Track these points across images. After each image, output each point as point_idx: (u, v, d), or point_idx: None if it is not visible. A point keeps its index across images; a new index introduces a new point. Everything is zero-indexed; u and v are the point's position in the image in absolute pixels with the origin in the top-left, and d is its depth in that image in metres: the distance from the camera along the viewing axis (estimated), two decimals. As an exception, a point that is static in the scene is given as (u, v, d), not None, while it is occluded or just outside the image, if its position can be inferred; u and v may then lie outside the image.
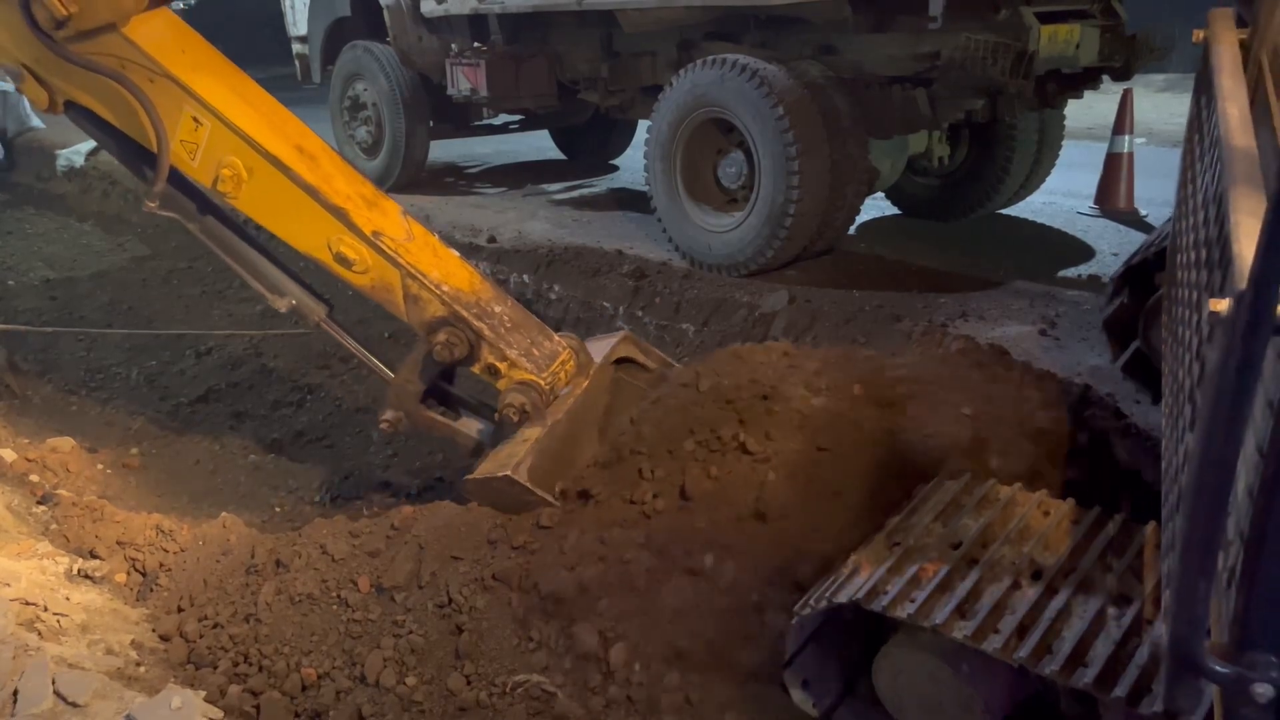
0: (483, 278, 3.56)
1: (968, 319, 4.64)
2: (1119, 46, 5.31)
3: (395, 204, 3.53)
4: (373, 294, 3.38)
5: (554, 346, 3.51)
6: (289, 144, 3.30)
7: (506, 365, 3.35)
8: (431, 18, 7.49)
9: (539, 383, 3.35)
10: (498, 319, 3.43)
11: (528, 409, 3.32)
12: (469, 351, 3.36)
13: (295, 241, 3.35)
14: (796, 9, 5.28)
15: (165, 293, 7.29)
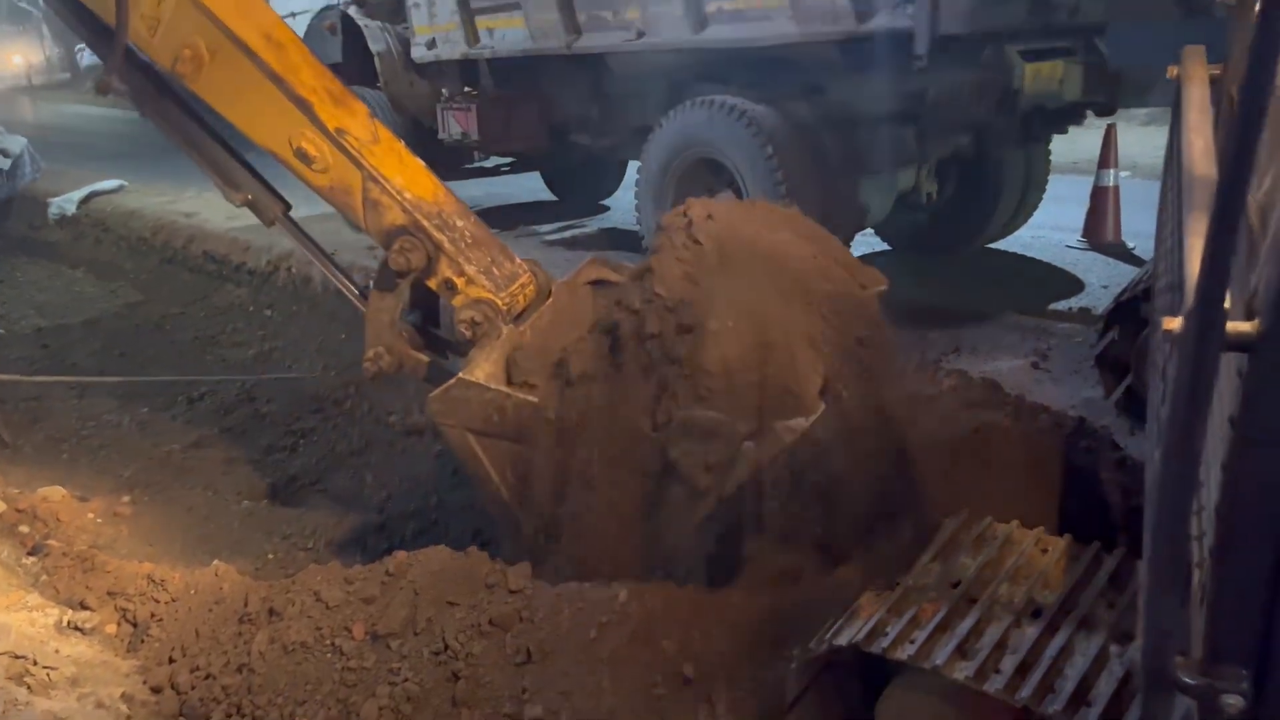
0: (448, 190, 3.44)
1: (960, 353, 4.65)
2: (1102, 83, 5.38)
3: (363, 105, 3.40)
4: (330, 195, 3.27)
5: (514, 268, 3.39)
6: (257, 29, 3.16)
7: (464, 281, 3.23)
8: (422, 63, 7.57)
9: (495, 301, 3.23)
10: (459, 233, 3.31)
11: (480, 324, 3.21)
12: (426, 263, 3.24)
13: (254, 132, 3.22)
14: (783, 50, 5.35)
15: (158, 339, 7.28)
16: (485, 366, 3.09)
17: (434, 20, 7.30)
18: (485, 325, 3.21)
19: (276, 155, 3.23)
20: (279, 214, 3.51)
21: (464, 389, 3.07)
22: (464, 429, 3.15)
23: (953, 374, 3.87)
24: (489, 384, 3.07)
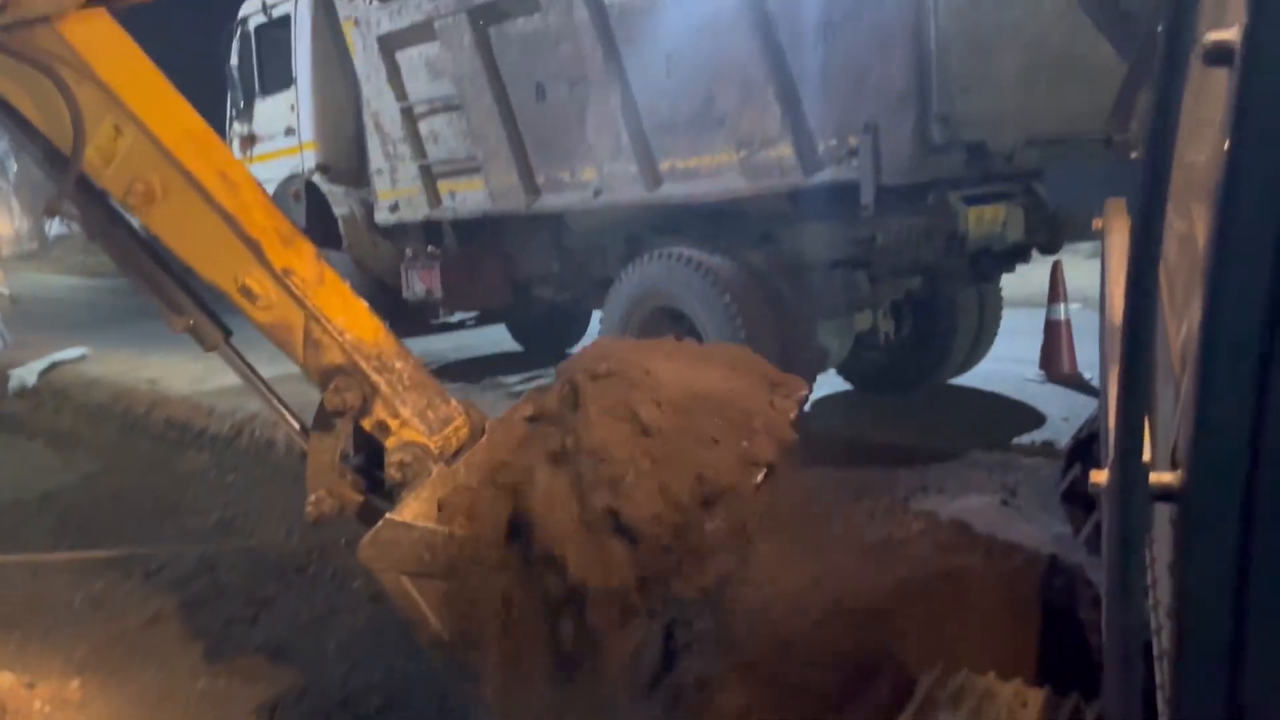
0: (388, 333, 3.41)
1: (928, 492, 4.64)
2: (1043, 223, 5.60)
3: (311, 245, 3.39)
4: (271, 332, 3.23)
5: (450, 411, 3.34)
6: (212, 168, 3.17)
7: (398, 423, 3.19)
8: (386, 226, 7.74)
9: (428, 444, 3.18)
10: (396, 375, 3.28)
11: (410, 465, 3.15)
12: (361, 403, 3.19)
13: (201, 267, 3.20)
14: (736, 203, 5.53)
15: (115, 510, 7.10)
16: (414, 505, 3.04)
17: (396, 185, 7.51)
18: (415, 466, 3.17)
19: (220, 289, 3.23)
20: (220, 341, 3.46)
21: (392, 530, 3.01)
22: (397, 572, 3.07)
23: (922, 516, 3.85)
24: (417, 522, 3.01)
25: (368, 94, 7.42)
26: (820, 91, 4.95)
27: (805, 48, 4.92)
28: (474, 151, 6.76)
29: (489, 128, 6.52)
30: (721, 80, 5.24)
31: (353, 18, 7.28)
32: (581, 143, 6.06)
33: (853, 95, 4.79)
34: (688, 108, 5.52)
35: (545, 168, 6.41)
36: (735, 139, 5.30)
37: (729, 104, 5.25)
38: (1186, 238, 1.57)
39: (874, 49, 4.64)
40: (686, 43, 5.34)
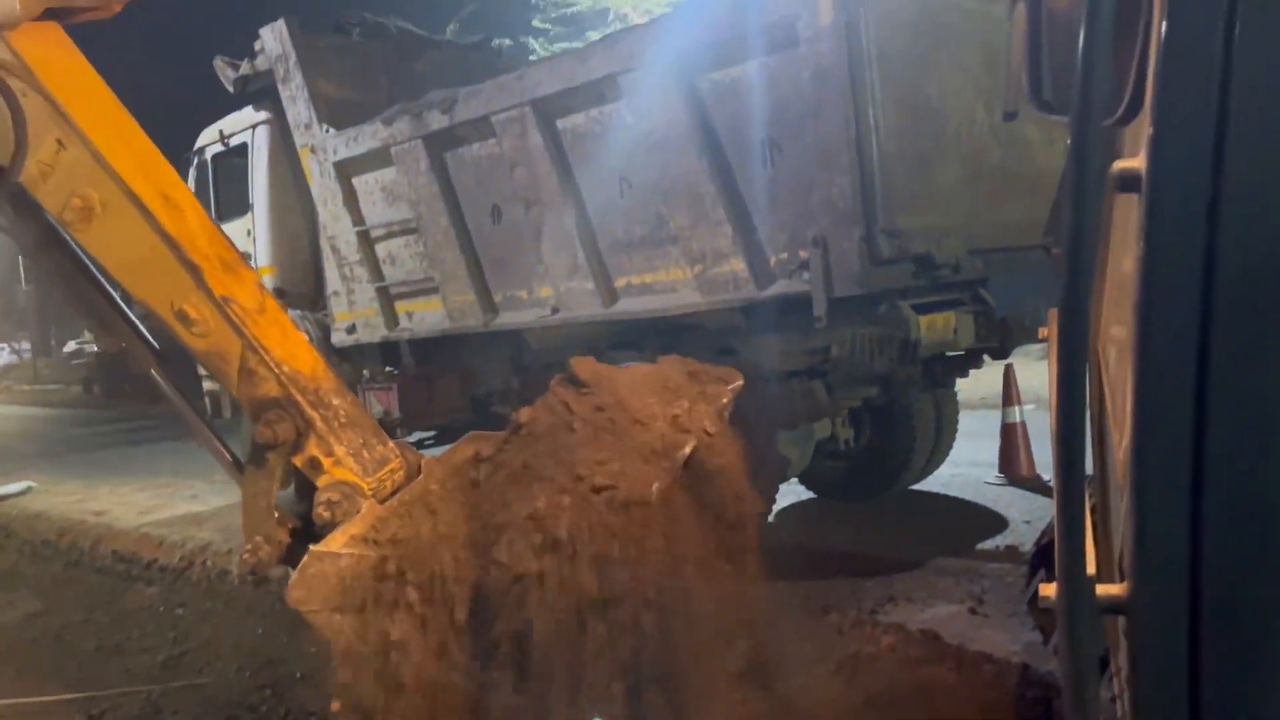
0: (327, 368, 3.29)
1: (896, 602, 4.59)
2: (992, 329, 5.72)
3: (254, 274, 3.31)
4: (206, 359, 3.11)
5: (386, 452, 3.23)
6: (155, 189, 3.08)
7: (330, 461, 3.06)
8: (343, 347, 7.71)
9: (360, 484, 3.06)
10: (333, 411, 3.16)
11: (339, 504, 3.02)
12: (295, 438, 3.06)
13: (135, 288, 3.09)
14: (693, 317, 5.60)
15: (57, 651, 6.78)
16: (340, 538, 2.92)
17: (353, 307, 7.52)
18: (345, 505, 3.05)
19: (155, 312, 3.13)
20: (152, 364, 3.36)
21: (318, 563, 2.87)
22: (329, 611, 2.92)
23: (891, 628, 3.79)
24: (343, 549, 2.89)
25: (324, 219, 7.49)
26: (769, 208, 5.09)
27: (753, 167, 5.07)
28: (431, 272, 6.81)
29: (446, 249, 6.59)
30: (673, 200, 5.36)
31: (309, 145, 7.40)
32: (538, 262, 6.14)
33: (801, 211, 4.92)
34: (641, 227, 5.63)
35: (503, 287, 6.47)
36: (689, 255, 5.40)
37: (681, 222, 5.37)
38: (1125, 346, 1.62)
39: (818, 167, 4.79)
40: (638, 164, 5.48)
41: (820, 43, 4.64)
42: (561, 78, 5.71)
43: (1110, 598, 1.19)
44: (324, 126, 7.24)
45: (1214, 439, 1.07)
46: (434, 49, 8.69)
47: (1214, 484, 1.08)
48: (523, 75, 6.02)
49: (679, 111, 5.17)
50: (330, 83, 7.59)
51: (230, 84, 8.31)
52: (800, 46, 4.71)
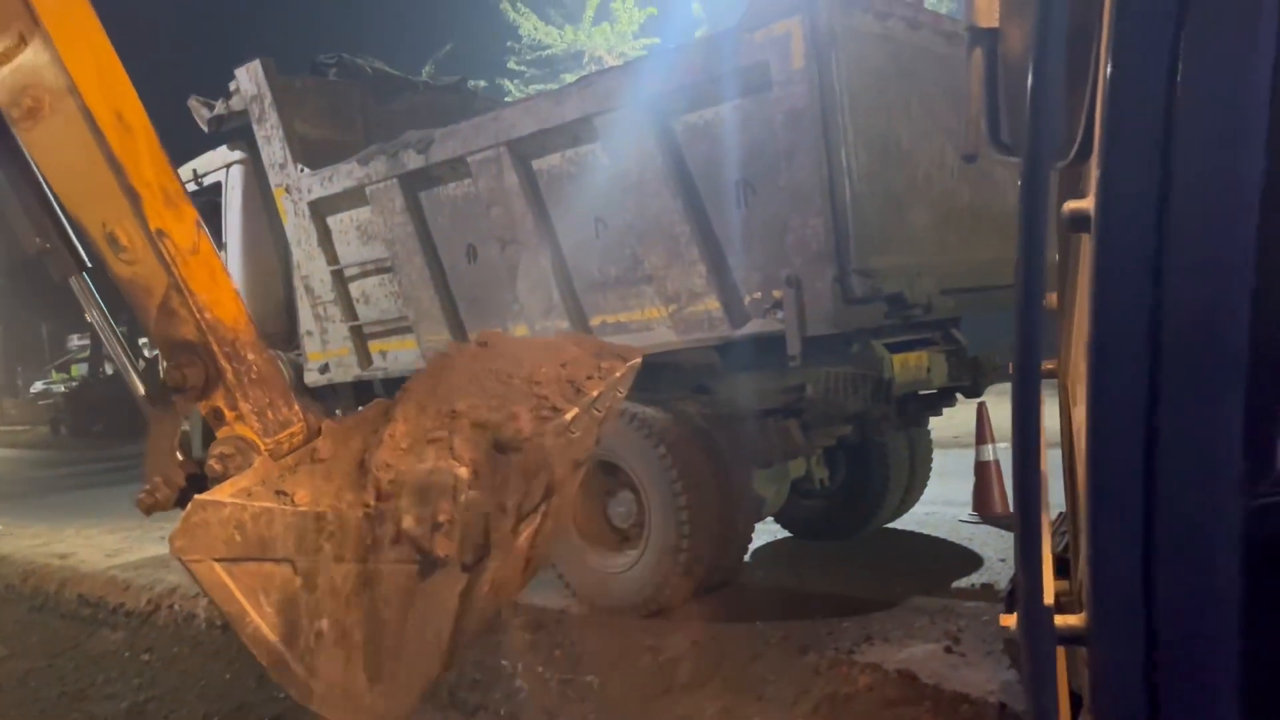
0: (249, 321, 3.25)
1: (872, 642, 4.58)
2: (965, 368, 5.77)
3: (194, 211, 3.24)
4: (128, 288, 3.06)
5: (290, 415, 3.20)
6: (109, 105, 3.00)
7: (234, 415, 3.04)
8: (316, 387, 7.65)
9: (258, 442, 3.03)
10: (246, 366, 3.13)
11: (232, 457, 3.00)
12: (203, 385, 3.04)
13: (70, 201, 3.04)
14: (668, 356, 5.61)
15: (20, 697, 6.62)
16: (226, 489, 2.90)
17: (326, 346, 7.48)
18: (238, 459, 3.03)
19: (85, 229, 3.08)
20: (75, 272, 3.30)
21: (201, 511, 2.85)
22: (210, 560, 2.88)
23: (868, 669, 3.78)
24: (226, 499, 2.85)
25: (298, 258, 7.47)
26: (743, 248, 5.13)
27: (727, 207, 5.12)
28: (405, 311, 6.79)
29: (421, 288, 6.58)
30: (648, 240, 5.40)
31: (284, 185, 7.40)
32: (513, 301, 6.14)
33: (774, 251, 4.97)
34: (616, 266, 5.65)
35: (478, 325, 6.45)
36: (664, 295, 5.42)
37: (656, 262, 5.40)
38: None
39: (792, 208, 4.84)
40: (613, 205, 5.52)
41: (793, 86, 4.71)
42: (537, 119, 5.75)
43: (1069, 628, 1.22)
44: (299, 166, 7.24)
45: (1164, 474, 1.10)
46: (410, 90, 8.74)
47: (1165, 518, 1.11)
48: (498, 116, 6.07)
49: (654, 153, 5.22)
50: (306, 122, 7.60)
51: (205, 124, 8.30)
52: (773, 89, 4.78)
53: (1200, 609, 1.12)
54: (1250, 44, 1.07)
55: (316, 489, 2.96)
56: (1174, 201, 1.11)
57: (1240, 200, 1.08)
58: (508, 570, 3.20)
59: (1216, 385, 1.09)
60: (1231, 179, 1.08)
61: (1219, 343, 1.09)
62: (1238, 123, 1.08)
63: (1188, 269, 1.10)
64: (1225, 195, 1.09)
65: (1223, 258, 1.09)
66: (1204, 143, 1.10)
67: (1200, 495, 1.10)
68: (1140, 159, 1.12)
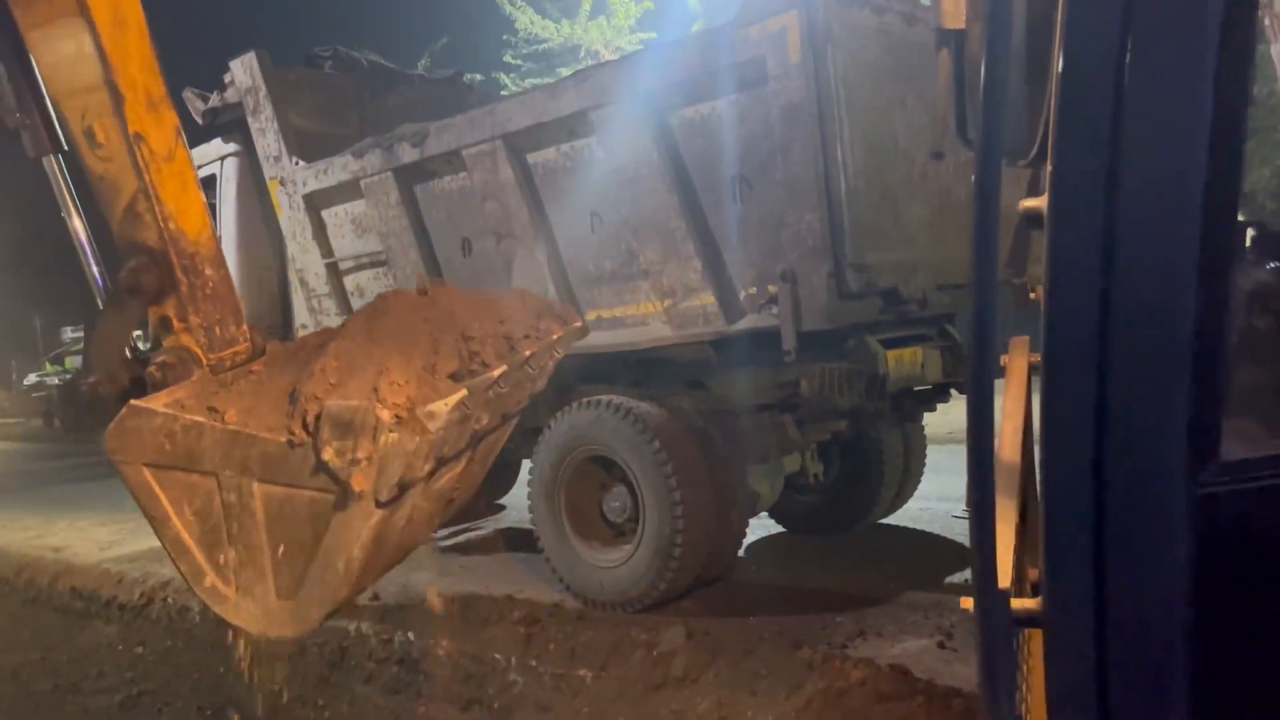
0: (212, 236, 3.30)
1: (866, 637, 4.59)
2: (959, 363, 5.77)
3: (175, 118, 3.27)
4: (97, 183, 3.11)
5: (237, 334, 3.28)
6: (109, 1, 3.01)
7: (181, 327, 3.11)
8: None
9: (201, 358, 3.10)
10: (203, 280, 3.19)
11: (173, 367, 3.07)
12: (156, 292, 3.11)
13: (53, 87, 3.05)
14: (663, 351, 5.61)
15: (13, 691, 6.62)
16: (162, 398, 2.96)
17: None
18: (179, 370, 3.08)
19: (65, 118, 3.09)
20: (50, 152, 3.31)
21: (135, 417, 2.91)
22: (139, 464, 2.95)
23: (861, 663, 3.79)
24: (159, 408, 2.91)
25: (293, 251, 7.45)
26: (739, 243, 5.12)
27: (722, 202, 5.12)
28: (400, 305, 6.78)
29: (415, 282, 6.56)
30: (643, 234, 5.39)
31: (278, 178, 7.38)
32: (508, 295, 6.13)
33: (770, 246, 4.97)
34: (612, 261, 5.65)
35: (472, 320, 6.45)
36: (659, 290, 5.42)
37: (651, 256, 5.39)
38: None
39: (787, 203, 4.84)
40: (609, 199, 5.51)
41: (789, 81, 4.70)
42: (533, 113, 5.74)
43: (1025, 611, 1.27)
44: (294, 159, 7.22)
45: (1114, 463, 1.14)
46: (405, 83, 8.71)
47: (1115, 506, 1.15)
48: (494, 110, 6.05)
49: (649, 147, 5.21)
50: (301, 115, 7.58)
51: (199, 116, 8.27)
52: (769, 84, 4.78)
53: (1148, 593, 1.16)
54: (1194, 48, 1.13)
55: (247, 410, 3.01)
56: (1122, 200, 1.15)
57: (1185, 200, 1.12)
58: (426, 510, 3.29)
59: (1163, 378, 1.13)
60: (1177, 179, 1.13)
61: (1165, 338, 1.13)
62: (1182, 124, 1.13)
63: (1135, 266, 1.15)
64: (1171, 195, 1.13)
65: (1169, 256, 1.14)
66: (1150, 143, 1.14)
67: (1148, 484, 1.14)
68: (1089, 159, 1.17)
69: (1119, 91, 1.15)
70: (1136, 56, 1.13)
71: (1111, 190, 1.15)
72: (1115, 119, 1.15)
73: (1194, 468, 1.13)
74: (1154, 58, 1.14)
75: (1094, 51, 1.16)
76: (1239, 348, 1.23)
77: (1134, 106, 1.14)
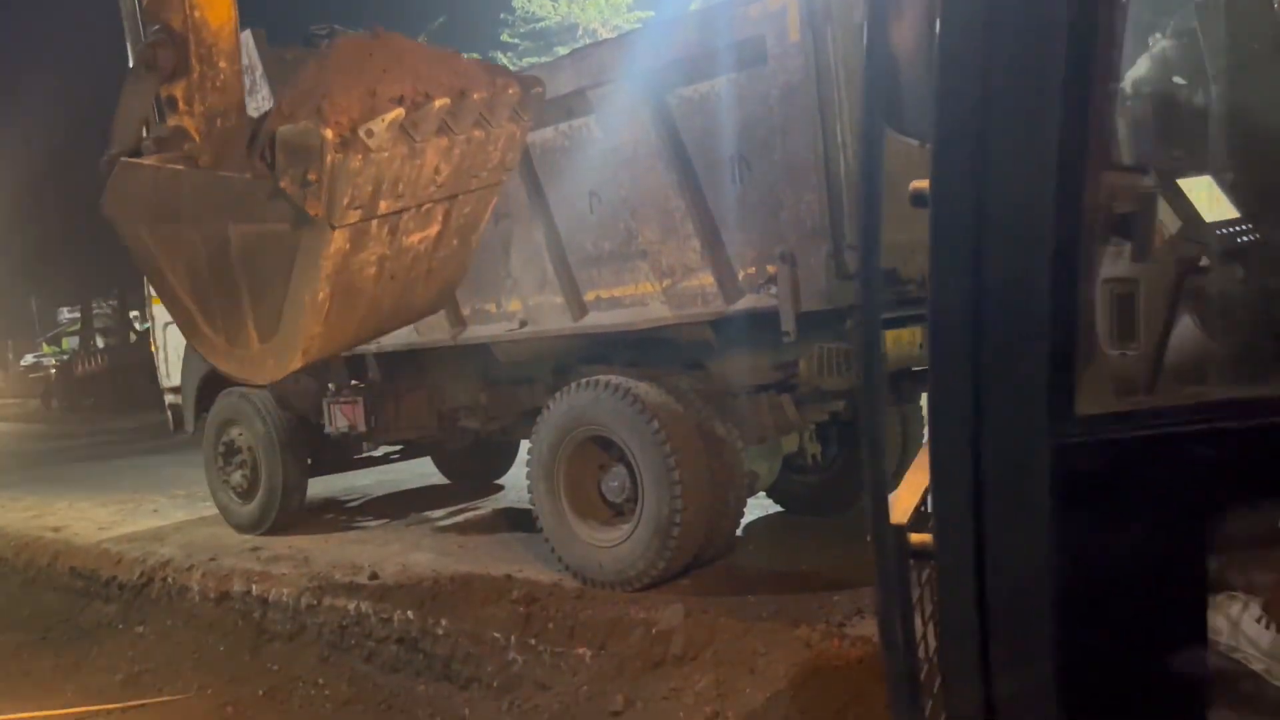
0: (234, 32, 3.40)
1: (864, 616, 4.60)
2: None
3: None
4: None
5: (239, 129, 3.34)
6: None
7: (185, 110, 3.18)
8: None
9: (197, 142, 3.17)
10: (215, 72, 3.27)
11: (167, 141, 3.15)
12: (170, 70, 3.18)
13: None
14: (662, 331, 5.61)
15: (13, 670, 6.65)
16: (154, 158, 3.07)
17: (320, 320, 7.45)
18: (171, 146, 3.18)
19: None
20: None
21: (125, 173, 3.02)
22: (135, 222, 3.08)
23: (859, 641, 3.81)
24: (146, 162, 3.03)
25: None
26: (738, 223, 5.12)
27: (721, 182, 5.10)
28: (398, 286, 6.77)
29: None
30: (642, 214, 5.38)
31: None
32: (507, 276, 6.13)
33: (769, 227, 4.96)
34: (610, 241, 5.64)
35: (471, 300, 6.44)
36: (658, 270, 5.41)
37: (650, 236, 5.38)
38: None
39: (787, 183, 4.83)
40: (607, 179, 5.50)
41: (789, 60, 4.68)
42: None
43: (921, 545, 1.38)
44: (291, 138, 7.19)
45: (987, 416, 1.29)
46: (403, 62, 8.67)
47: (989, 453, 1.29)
48: (492, 89, 6.02)
49: (648, 127, 5.20)
50: (297, 94, 7.54)
51: (196, 95, 8.23)
52: (769, 63, 4.76)
53: (1018, 531, 1.31)
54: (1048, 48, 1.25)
55: (219, 156, 3.15)
56: (990, 183, 1.29)
57: (1043, 184, 1.26)
58: (398, 267, 3.40)
59: (1026, 343, 1.28)
60: (1036, 164, 1.27)
61: (1028, 307, 1.27)
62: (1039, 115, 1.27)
63: (1001, 243, 1.29)
64: (1032, 178, 1.27)
65: (1029, 233, 1.28)
66: (1012, 132, 1.28)
67: (1015, 435, 1.29)
68: (963, 144, 1.31)
69: (985, 85, 1.28)
70: (996, 53, 1.28)
71: (980, 174, 1.29)
72: (983, 109, 1.29)
73: (1052, 423, 1.27)
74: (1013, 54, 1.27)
75: (963, 44, 1.29)
76: (1091, 316, 1.37)
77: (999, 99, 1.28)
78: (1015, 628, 1.33)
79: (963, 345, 1.30)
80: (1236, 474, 1.27)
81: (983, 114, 1.29)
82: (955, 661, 1.41)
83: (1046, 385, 1.27)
